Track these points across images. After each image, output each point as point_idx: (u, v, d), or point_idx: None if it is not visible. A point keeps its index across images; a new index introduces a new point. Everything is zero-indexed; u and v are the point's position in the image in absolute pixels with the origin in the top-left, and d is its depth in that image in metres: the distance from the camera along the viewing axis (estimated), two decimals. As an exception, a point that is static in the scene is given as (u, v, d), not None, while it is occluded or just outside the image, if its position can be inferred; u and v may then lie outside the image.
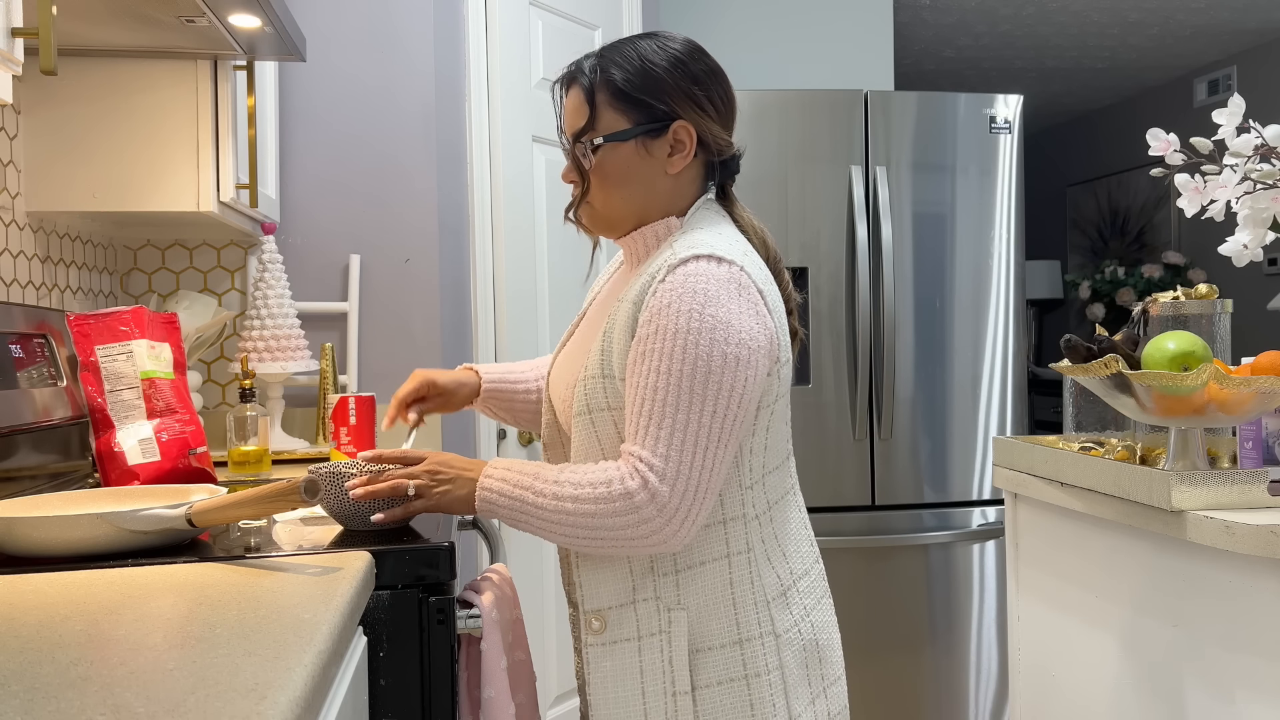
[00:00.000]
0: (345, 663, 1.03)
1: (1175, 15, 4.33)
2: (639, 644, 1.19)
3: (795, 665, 1.21)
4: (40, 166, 1.83)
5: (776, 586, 1.21)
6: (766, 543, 1.22)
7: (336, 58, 2.40)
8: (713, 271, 1.14)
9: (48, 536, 1.17)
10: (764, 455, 1.22)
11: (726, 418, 1.13)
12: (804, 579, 1.25)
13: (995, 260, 2.94)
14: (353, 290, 2.38)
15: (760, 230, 1.30)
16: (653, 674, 1.18)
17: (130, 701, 0.69)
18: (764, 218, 2.85)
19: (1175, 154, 1.60)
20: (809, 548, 1.28)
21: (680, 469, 1.12)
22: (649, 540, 1.13)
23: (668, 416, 1.12)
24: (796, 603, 1.23)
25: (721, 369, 1.12)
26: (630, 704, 1.19)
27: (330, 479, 1.31)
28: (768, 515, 1.22)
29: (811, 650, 1.23)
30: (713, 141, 1.25)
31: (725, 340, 1.12)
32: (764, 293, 1.19)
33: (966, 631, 2.91)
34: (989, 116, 2.93)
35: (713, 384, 1.12)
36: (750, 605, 1.19)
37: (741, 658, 1.18)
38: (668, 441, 1.11)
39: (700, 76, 1.24)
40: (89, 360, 1.63)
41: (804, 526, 1.29)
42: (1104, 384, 1.46)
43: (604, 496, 1.12)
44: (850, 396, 2.85)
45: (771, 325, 1.18)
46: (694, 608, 1.18)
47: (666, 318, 1.13)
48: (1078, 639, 1.70)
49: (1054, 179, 6.57)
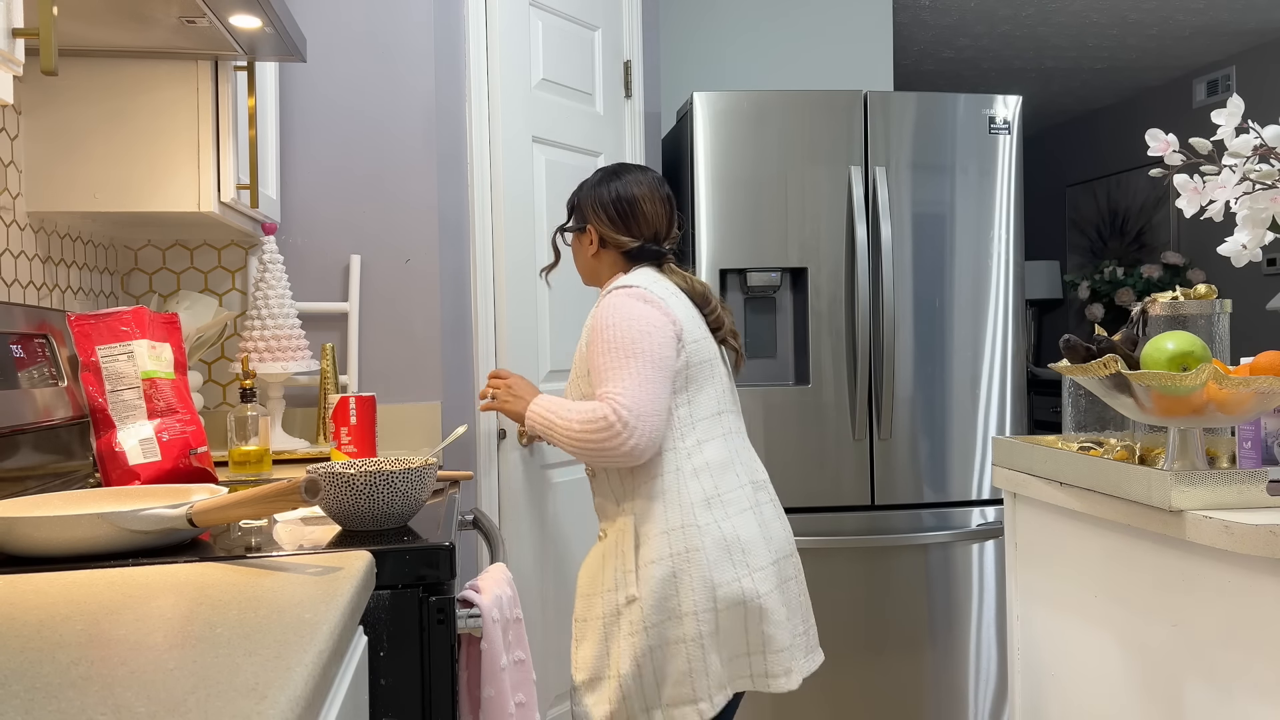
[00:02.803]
0: (346, 662, 1.03)
1: (1174, 16, 4.33)
2: (611, 539, 1.77)
3: (715, 549, 1.71)
4: (41, 167, 1.83)
5: (700, 495, 1.74)
6: (697, 468, 1.76)
7: (337, 58, 2.41)
8: (624, 293, 1.79)
9: (49, 536, 1.18)
10: (689, 409, 1.78)
11: (651, 362, 1.71)
12: (727, 494, 1.76)
13: (994, 260, 2.94)
14: (353, 290, 2.39)
15: (689, 280, 1.88)
16: (612, 554, 1.76)
17: (131, 701, 0.69)
18: (762, 218, 2.85)
19: (1174, 154, 1.60)
20: (735, 477, 1.78)
21: (633, 395, 1.69)
22: (622, 449, 1.68)
23: (616, 368, 1.71)
24: (717, 508, 1.74)
25: (636, 335, 1.72)
26: (596, 575, 1.78)
27: (330, 479, 1.31)
28: (698, 449, 1.77)
29: (732, 541, 1.73)
30: (610, 240, 1.88)
31: (633, 320, 1.74)
32: (664, 300, 1.78)
33: (966, 631, 2.92)
34: (988, 117, 2.93)
35: (635, 345, 1.72)
36: (676, 507, 1.73)
37: (668, 542, 1.71)
38: (621, 381, 1.70)
39: (603, 198, 1.88)
40: (90, 360, 1.63)
41: (736, 462, 1.80)
42: (1103, 384, 1.46)
43: (594, 423, 1.70)
44: (850, 396, 2.86)
45: (671, 315, 1.76)
46: (640, 511, 1.75)
47: (601, 319, 1.76)
48: (1077, 638, 1.70)
49: (1053, 179, 6.57)
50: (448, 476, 1.93)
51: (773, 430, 2.83)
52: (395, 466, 1.48)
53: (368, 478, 1.31)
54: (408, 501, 1.35)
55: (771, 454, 2.83)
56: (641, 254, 1.87)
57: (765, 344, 2.93)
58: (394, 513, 1.34)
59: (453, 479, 1.92)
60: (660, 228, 1.89)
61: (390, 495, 1.32)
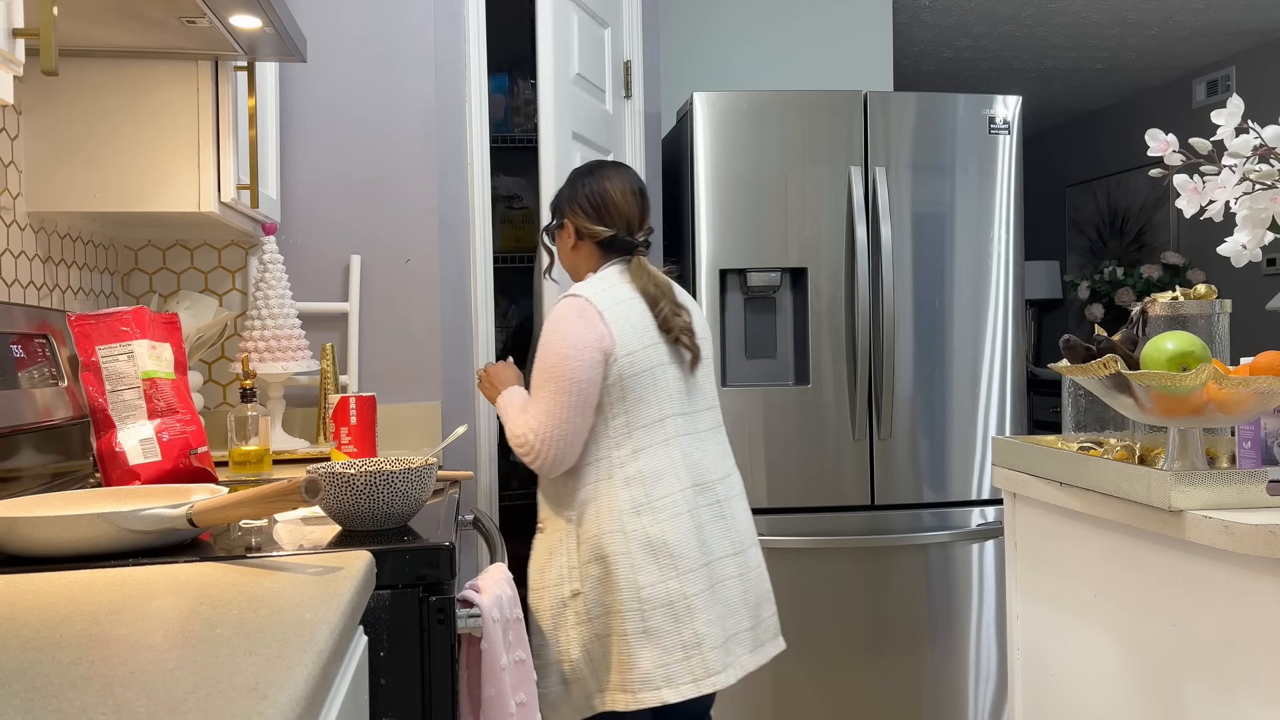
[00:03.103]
0: (346, 662, 1.03)
1: (1174, 16, 4.33)
2: (554, 536, 1.89)
3: (642, 553, 1.80)
4: (41, 167, 1.84)
5: (629, 503, 1.82)
6: (629, 476, 1.84)
7: (337, 59, 2.41)
8: (568, 304, 1.87)
9: (49, 536, 1.18)
10: (626, 419, 1.86)
11: (565, 389, 1.82)
12: (659, 500, 1.83)
13: (994, 260, 2.94)
14: (353, 290, 2.39)
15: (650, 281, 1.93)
16: (558, 552, 1.87)
17: (131, 701, 0.69)
18: (762, 218, 2.85)
19: (1174, 154, 1.61)
20: (674, 482, 1.85)
21: (541, 421, 1.83)
22: (534, 464, 1.85)
23: (539, 391, 1.84)
24: (646, 514, 1.82)
25: (558, 360, 1.82)
26: (544, 569, 1.89)
27: (330, 479, 1.31)
28: (632, 458, 1.85)
29: (659, 545, 1.81)
30: (586, 232, 1.96)
31: (561, 341, 1.83)
32: (603, 313, 1.85)
33: (966, 631, 2.92)
34: (988, 117, 2.93)
35: (555, 370, 1.82)
36: (608, 513, 1.82)
37: (600, 545, 1.82)
38: (538, 405, 1.84)
39: (578, 193, 1.98)
40: (90, 360, 1.63)
41: (677, 467, 1.87)
42: (1103, 384, 1.46)
43: (516, 438, 1.86)
44: (849, 396, 2.86)
45: (602, 331, 1.84)
46: (577, 515, 1.85)
47: (544, 333, 1.87)
48: (1076, 638, 1.70)
49: (1053, 179, 6.57)
50: (448, 476, 1.93)
51: (773, 430, 2.83)
52: (395, 466, 1.48)
53: (368, 478, 1.31)
54: (408, 501, 1.35)
55: (771, 454, 2.83)
56: (614, 244, 1.97)
57: (765, 344, 2.93)
58: (394, 513, 1.34)
59: (453, 479, 1.92)
60: (632, 219, 1.98)
61: (390, 495, 1.32)
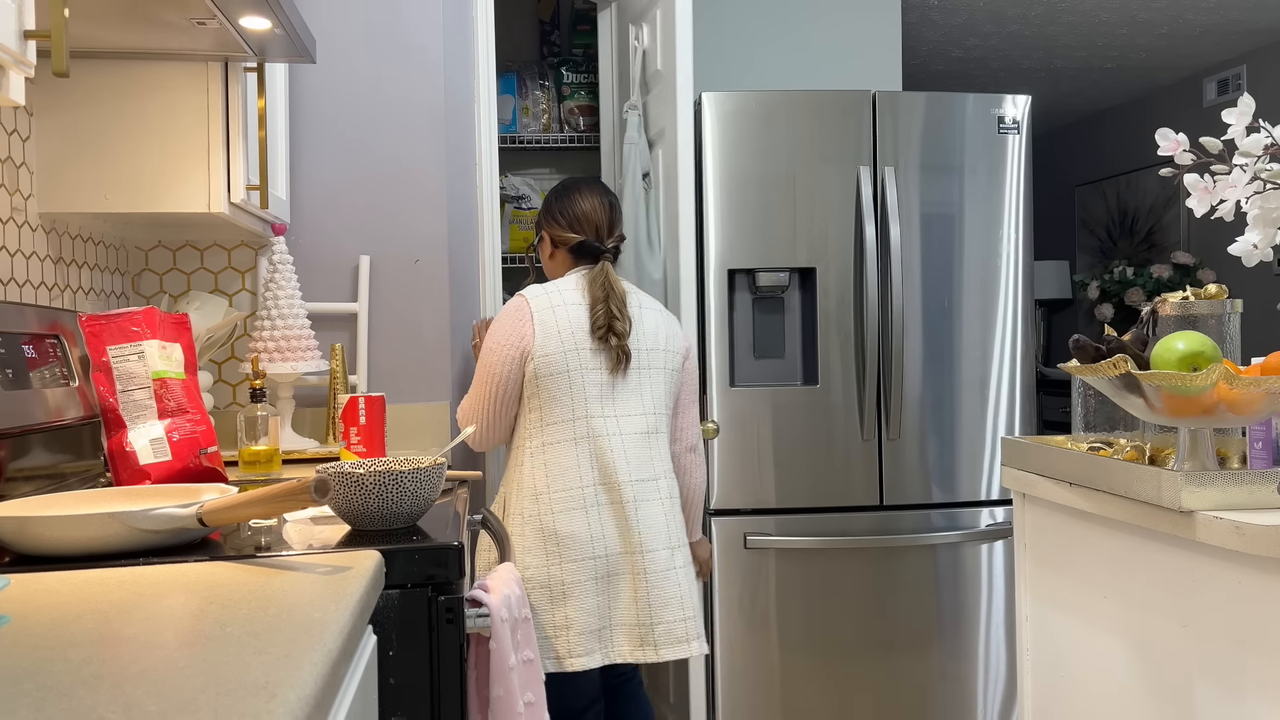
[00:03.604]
0: (355, 661, 1.03)
1: (1184, 15, 4.31)
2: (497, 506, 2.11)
3: (533, 536, 2.00)
4: (52, 168, 1.84)
5: (531, 490, 2.02)
6: (535, 465, 2.03)
7: (346, 59, 2.41)
8: (511, 302, 2.09)
9: (60, 535, 1.18)
10: (540, 414, 2.05)
11: (485, 379, 2.05)
12: (558, 493, 2.00)
13: (1003, 260, 2.93)
14: (362, 291, 2.39)
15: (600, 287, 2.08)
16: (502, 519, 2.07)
17: (141, 699, 0.70)
18: (771, 218, 2.85)
19: (1185, 154, 1.60)
20: (576, 478, 2.01)
21: (468, 411, 2.08)
22: (472, 439, 2.08)
23: (473, 384, 2.08)
24: (544, 504, 2.00)
25: (486, 352, 2.06)
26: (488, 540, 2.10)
27: (340, 479, 1.32)
28: (540, 451, 2.04)
29: (549, 534, 1.99)
30: (559, 240, 2.17)
31: (492, 336, 2.07)
32: (534, 314, 2.05)
33: (975, 632, 2.91)
34: (997, 117, 2.93)
35: (484, 360, 2.06)
36: (515, 495, 2.04)
37: (508, 521, 2.03)
38: (468, 397, 2.09)
39: (551, 205, 2.19)
40: (101, 360, 1.64)
41: (576, 467, 2.02)
42: (1113, 384, 1.46)
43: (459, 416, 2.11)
44: (858, 397, 2.85)
45: (525, 331, 2.04)
46: (506, 493, 2.08)
47: None
48: (1086, 639, 1.69)
49: (1062, 179, 6.55)
50: (456, 476, 1.93)
51: (780, 430, 2.83)
52: (404, 466, 1.48)
53: (377, 477, 1.31)
54: (417, 501, 1.35)
55: (779, 454, 2.83)
56: (583, 250, 2.15)
57: (773, 344, 2.93)
58: (403, 512, 1.34)
59: (461, 479, 1.92)
60: (601, 226, 2.16)
61: (399, 495, 1.33)
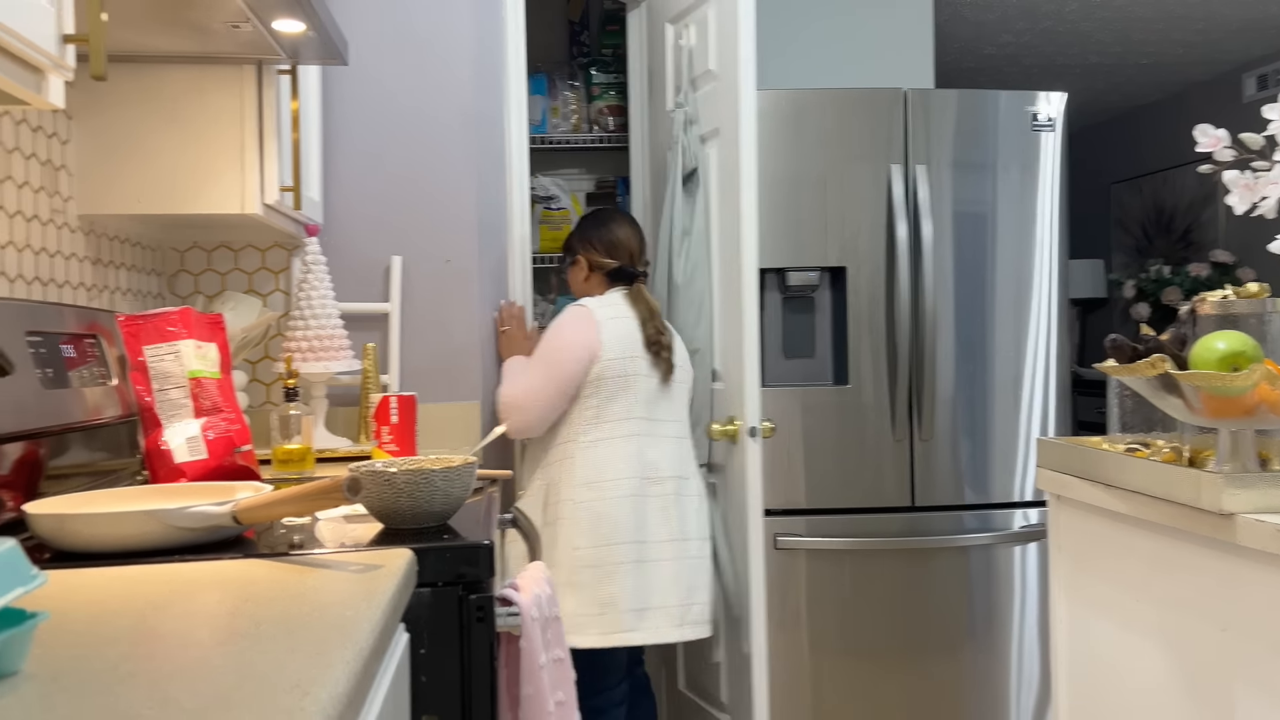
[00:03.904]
0: (387, 659, 1.04)
1: (1222, 9, 4.25)
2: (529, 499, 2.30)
3: (586, 519, 2.18)
4: (91, 171, 1.87)
5: (584, 478, 2.21)
6: (588, 456, 2.23)
7: (378, 61, 2.43)
8: (573, 310, 2.32)
9: (98, 533, 1.20)
10: (597, 411, 2.26)
11: (548, 372, 2.24)
12: (609, 483, 2.21)
13: (1037, 259, 2.90)
14: (394, 291, 2.41)
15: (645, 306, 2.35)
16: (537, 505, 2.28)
17: (177, 696, 0.70)
18: (801, 217, 2.83)
19: (1225, 150, 1.57)
20: (624, 469, 2.23)
21: (522, 391, 2.25)
22: (507, 424, 2.21)
23: (532, 366, 2.27)
24: (597, 491, 2.20)
25: (552, 350, 2.26)
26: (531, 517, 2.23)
27: (372, 477, 1.32)
28: (593, 445, 2.24)
29: (601, 517, 2.19)
30: (597, 265, 2.41)
31: (558, 335, 2.27)
32: (600, 323, 2.28)
33: (1007, 635, 2.88)
34: (1031, 114, 2.89)
35: (547, 356, 2.25)
36: (566, 483, 2.23)
37: (559, 506, 2.22)
38: (525, 377, 2.27)
39: (590, 234, 2.43)
40: (138, 360, 1.66)
41: (625, 460, 2.23)
42: (1150, 385, 1.44)
43: (500, 399, 2.29)
44: (890, 397, 2.83)
45: (594, 338, 2.26)
46: (551, 480, 2.26)
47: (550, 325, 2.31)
48: (1122, 644, 1.67)
49: (1098, 177, 6.47)
50: (487, 475, 1.94)
51: (811, 430, 2.82)
52: (435, 465, 1.49)
53: (408, 476, 1.32)
54: (448, 500, 1.35)
55: (810, 454, 2.82)
56: (619, 274, 2.41)
57: (803, 344, 2.92)
58: (434, 511, 1.35)
59: (492, 478, 1.93)
60: (634, 253, 2.42)
61: (431, 494, 1.33)
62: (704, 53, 2.58)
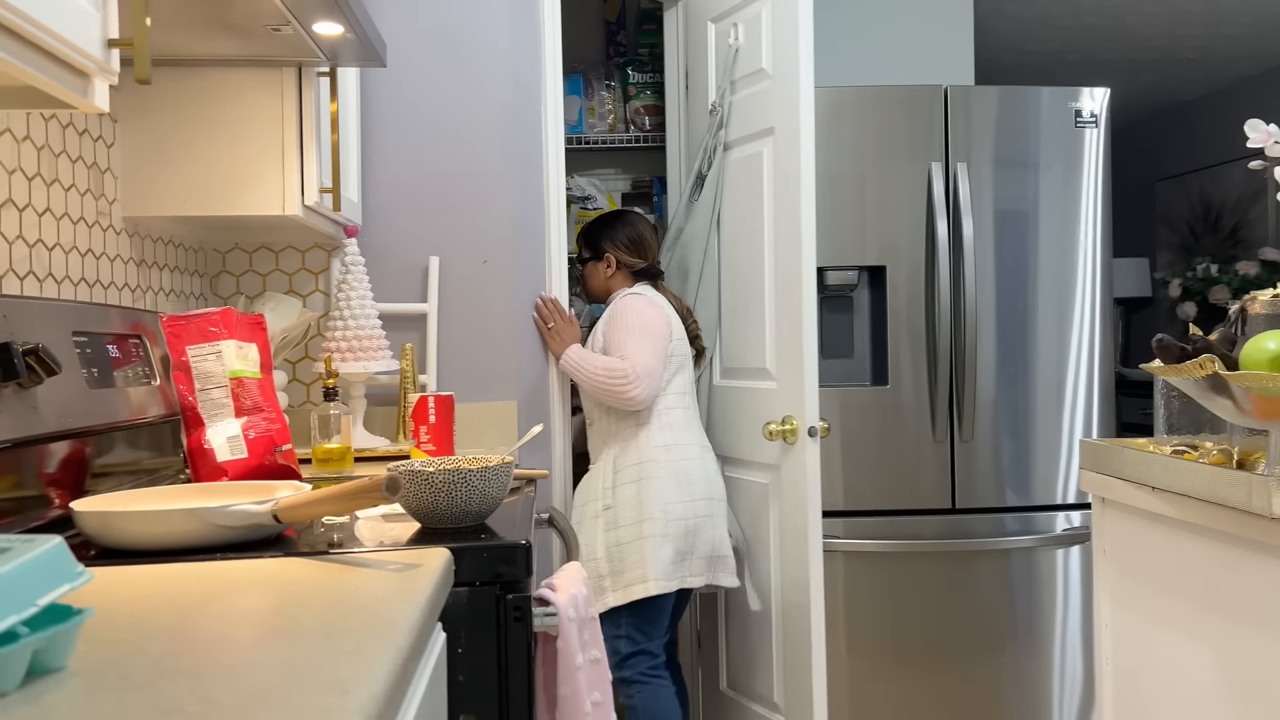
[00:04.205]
0: (425, 659, 1.04)
1: (1269, 3, 4.16)
2: (596, 470, 2.47)
3: (670, 478, 2.38)
4: (135, 173, 1.90)
5: (662, 441, 2.41)
6: (662, 423, 2.43)
7: (416, 63, 2.44)
8: (638, 297, 2.47)
9: (142, 530, 1.21)
10: (666, 385, 2.45)
11: (655, 342, 2.40)
12: (683, 446, 2.43)
13: (1081, 258, 2.86)
14: (432, 291, 2.42)
15: (678, 301, 2.58)
16: (596, 479, 2.44)
17: (218, 693, 0.71)
18: (840, 216, 2.81)
19: (1276, 145, 1.54)
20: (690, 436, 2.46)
21: (644, 361, 2.37)
22: (626, 395, 2.35)
23: (633, 342, 2.38)
24: (676, 453, 2.41)
25: (647, 323, 2.41)
26: (584, 490, 2.46)
27: (410, 477, 1.33)
28: (666, 412, 2.44)
29: (683, 476, 2.39)
30: (625, 263, 2.55)
31: (646, 312, 2.43)
32: (663, 308, 2.47)
33: (1049, 639, 2.84)
34: (1074, 110, 2.85)
35: (647, 329, 2.41)
36: (646, 446, 2.40)
37: (643, 466, 2.39)
38: (637, 350, 2.37)
39: (618, 234, 2.56)
40: (180, 360, 1.68)
41: (692, 427, 2.48)
42: (1199, 385, 1.41)
43: (614, 372, 2.36)
44: (929, 397, 2.80)
45: (667, 318, 2.46)
46: (619, 449, 2.43)
47: (621, 311, 2.44)
48: (1169, 650, 1.64)
49: (1143, 174, 6.36)
50: (524, 475, 1.94)
51: (849, 431, 2.79)
52: (473, 465, 1.49)
53: (446, 476, 1.32)
54: (485, 499, 1.36)
55: (847, 455, 2.79)
56: (645, 273, 2.56)
57: (842, 344, 2.90)
58: (472, 510, 1.35)
59: (529, 478, 1.93)
60: (653, 250, 2.58)
61: (468, 493, 1.33)
62: (754, 52, 2.57)
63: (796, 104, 2.37)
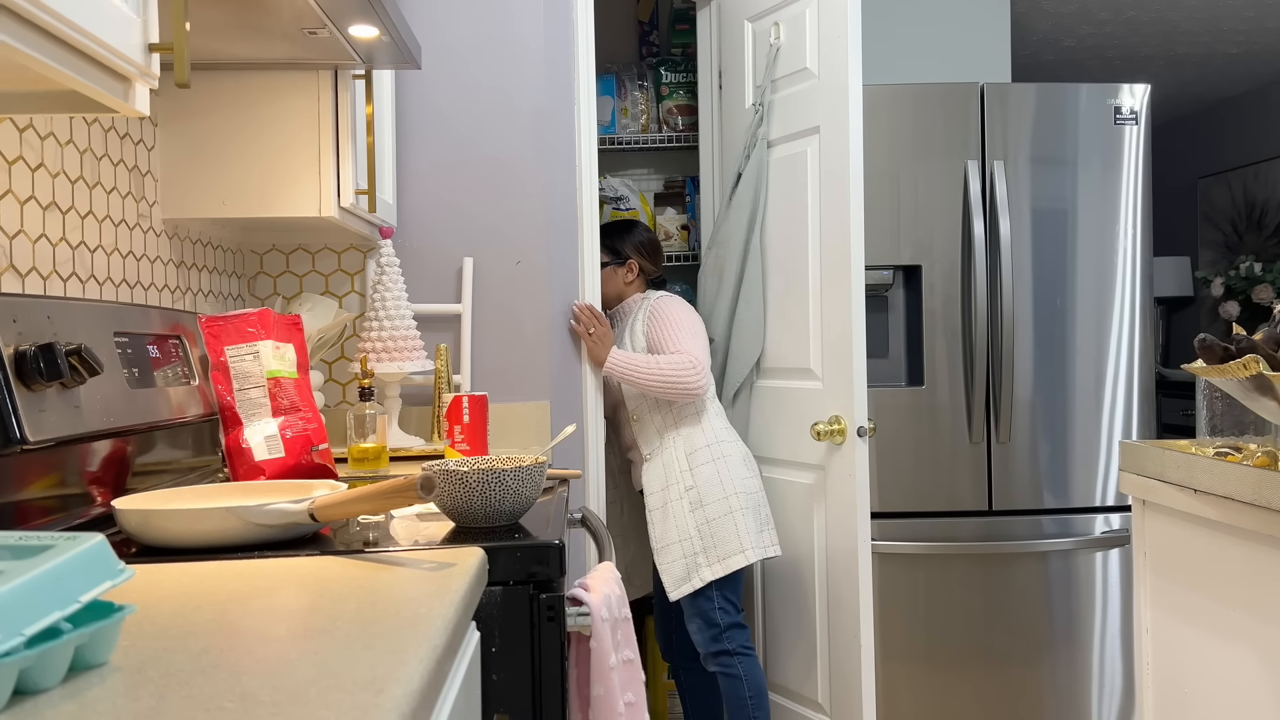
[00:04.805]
0: (459, 657, 1.05)
1: (1319, -5, 4.07)
2: (662, 459, 2.56)
3: (738, 460, 2.53)
4: (175, 176, 1.93)
5: (723, 426, 2.56)
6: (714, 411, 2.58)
7: (451, 65, 2.46)
8: (676, 299, 2.59)
9: (181, 528, 1.23)
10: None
11: (703, 339, 2.53)
12: (733, 430, 2.58)
13: (1120, 257, 2.82)
14: (466, 292, 2.43)
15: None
16: (670, 464, 2.54)
17: (256, 690, 0.72)
18: (875, 214, 2.79)
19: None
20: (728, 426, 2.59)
21: (703, 356, 2.48)
22: (693, 386, 2.45)
23: (688, 339, 2.49)
24: (733, 433, 2.56)
25: (694, 321, 2.54)
26: (660, 476, 2.55)
27: (445, 476, 1.34)
28: (712, 401, 2.58)
29: (747, 458, 2.55)
30: (646, 270, 2.69)
31: (690, 312, 2.56)
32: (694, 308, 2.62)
33: (1089, 642, 2.80)
34: (1113, 107, 2.81)
35: (696, 327, 2.53)
36: (711, 431, 2.53)
37: (713, 448, 2.52)
38: (694, 346, 2.48)
39: (641, 242, 2.68)
40: (219, 360, 1.70)
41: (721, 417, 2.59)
42: (1242, 386, 1.38)
43: (680, 366, 2.45)
44: (966, 398, 2.78)
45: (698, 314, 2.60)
46: (685, 435, 2.54)
47: (665, 310, 2.55)
48: (1212, 654, 1.61)
49: (1184, 171, 6.26)
50: (557, 475, 1.95)
51: (884, 432, 2.77)
52: (507, 464, 1.50)
53: (480, 475, 1.33)
54: (519, 499, 1.36)
55: (883, 456, 2.77)
56: (659, 280, 2.78)
57: (877, 344, 2.87)
58: (505, 510, 1.36)
59: (562, 477, 1.94)
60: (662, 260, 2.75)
61: (502, 493, 1.34)
62: (797, 51, 2.55)
63: (845, 103, 2.35)
